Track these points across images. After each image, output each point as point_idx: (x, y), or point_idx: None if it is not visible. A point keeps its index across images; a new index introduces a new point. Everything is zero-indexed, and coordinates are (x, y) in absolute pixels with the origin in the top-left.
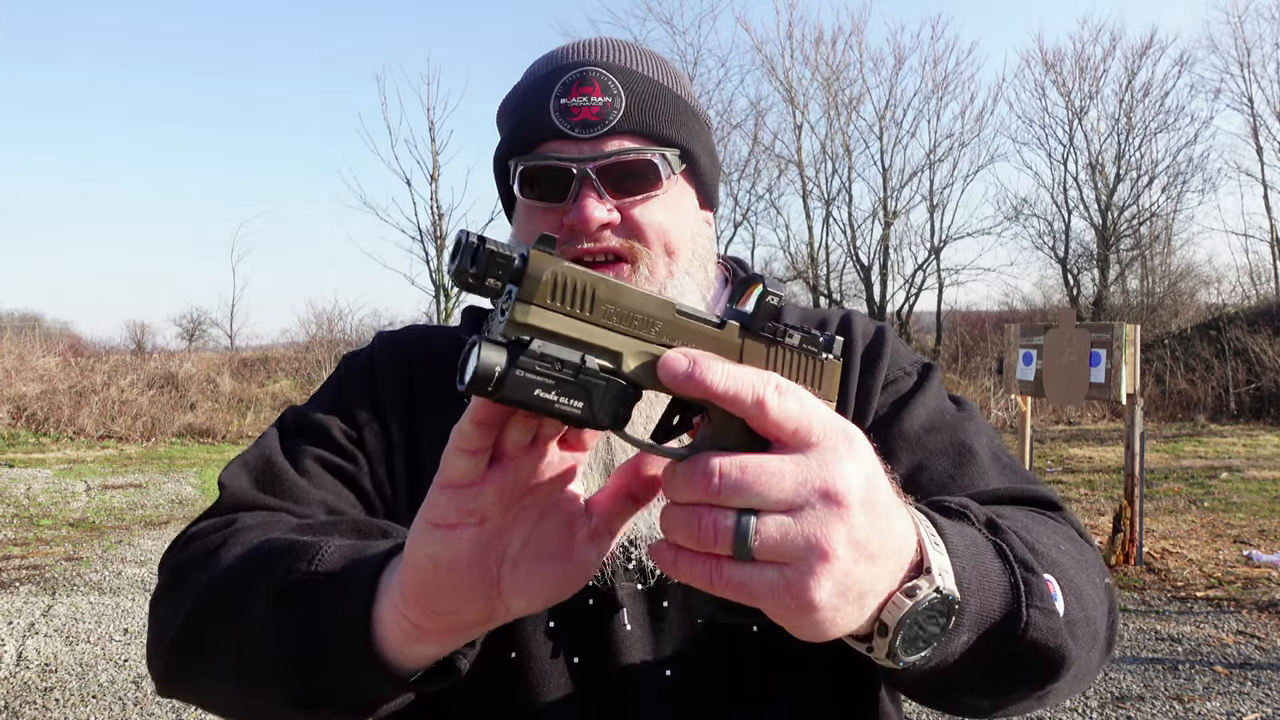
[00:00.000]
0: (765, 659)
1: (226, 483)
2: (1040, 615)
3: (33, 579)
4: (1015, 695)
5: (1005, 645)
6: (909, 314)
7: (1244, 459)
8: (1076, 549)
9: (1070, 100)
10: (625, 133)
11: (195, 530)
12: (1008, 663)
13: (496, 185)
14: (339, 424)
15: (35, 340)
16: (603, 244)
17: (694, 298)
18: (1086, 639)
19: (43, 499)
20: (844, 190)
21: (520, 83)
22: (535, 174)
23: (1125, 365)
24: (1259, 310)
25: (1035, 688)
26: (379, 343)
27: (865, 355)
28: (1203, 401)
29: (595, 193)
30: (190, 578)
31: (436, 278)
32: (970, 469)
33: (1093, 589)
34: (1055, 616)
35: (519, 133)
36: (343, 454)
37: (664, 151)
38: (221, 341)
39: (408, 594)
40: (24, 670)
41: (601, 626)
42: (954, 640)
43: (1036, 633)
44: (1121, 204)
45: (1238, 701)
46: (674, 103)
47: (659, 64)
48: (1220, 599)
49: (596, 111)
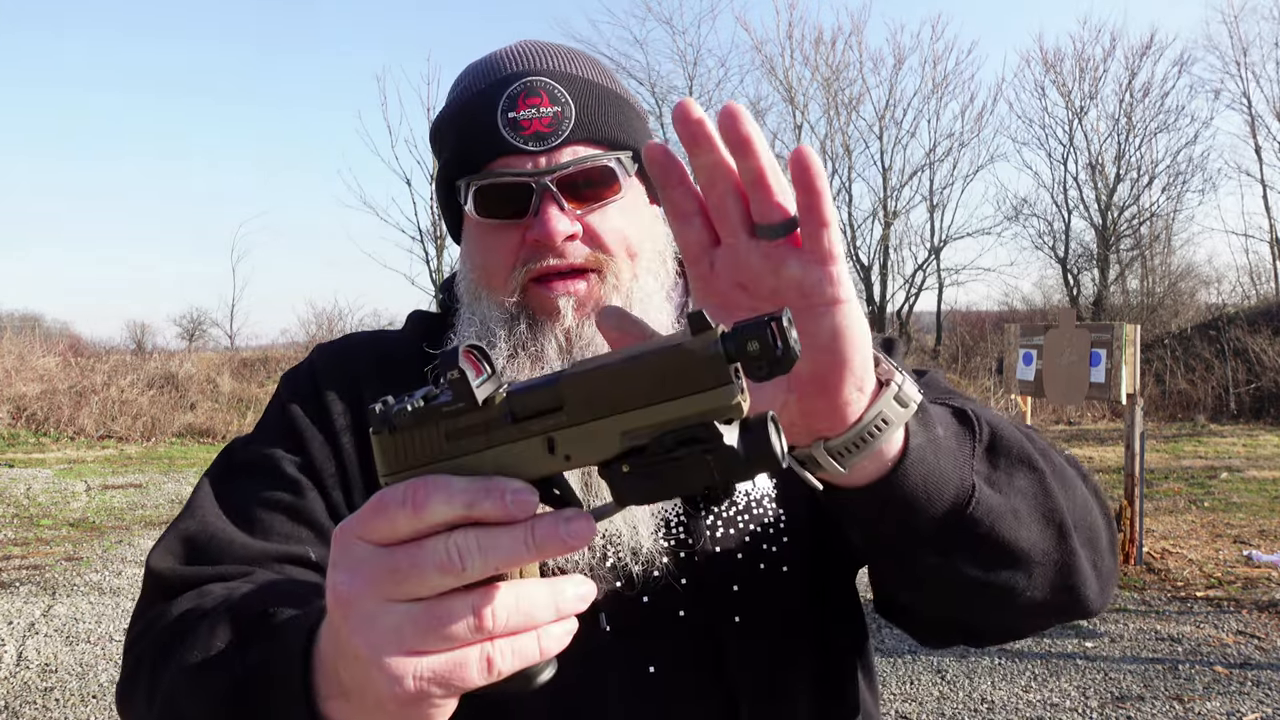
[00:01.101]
0: (746, 653)
1: (152, 566)
2: (990, 491)
3: (33, 579)
4: (977, 572)
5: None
6: (909, 314)
7: (1244, 459)
8: (1055, 452)
9: (1070, 100)
10: (579, 140)
11: (135, 629)
12: (957, 530)
13: (440, 208)
14: (284, 453)
15: (35, 340)
16: (569, 259)
17: (658, 297)
18: (1082, 529)
19: (43, 499)
20: (844, 190)
21: (455, 99)
22: (491, 192)
23: (1125, 365)
24: (1259, 310)
25: (993, 566)
26: (319, 355)
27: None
28: (1203, 401)
29: (557, 204)
30: (138, 699)
31: (436, 278)
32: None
33: (1077, 484)
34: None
35: (467, 151)
36: (291, 487)
37: (619, 155)
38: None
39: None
40: (24, 670)
41: (581, 628)
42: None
43: (985, 501)
44: (1121, 204)
45: (1238, 701)
46: (618, 103)
47: (593, 64)
48: (1220, 599)
49: (548, 122)
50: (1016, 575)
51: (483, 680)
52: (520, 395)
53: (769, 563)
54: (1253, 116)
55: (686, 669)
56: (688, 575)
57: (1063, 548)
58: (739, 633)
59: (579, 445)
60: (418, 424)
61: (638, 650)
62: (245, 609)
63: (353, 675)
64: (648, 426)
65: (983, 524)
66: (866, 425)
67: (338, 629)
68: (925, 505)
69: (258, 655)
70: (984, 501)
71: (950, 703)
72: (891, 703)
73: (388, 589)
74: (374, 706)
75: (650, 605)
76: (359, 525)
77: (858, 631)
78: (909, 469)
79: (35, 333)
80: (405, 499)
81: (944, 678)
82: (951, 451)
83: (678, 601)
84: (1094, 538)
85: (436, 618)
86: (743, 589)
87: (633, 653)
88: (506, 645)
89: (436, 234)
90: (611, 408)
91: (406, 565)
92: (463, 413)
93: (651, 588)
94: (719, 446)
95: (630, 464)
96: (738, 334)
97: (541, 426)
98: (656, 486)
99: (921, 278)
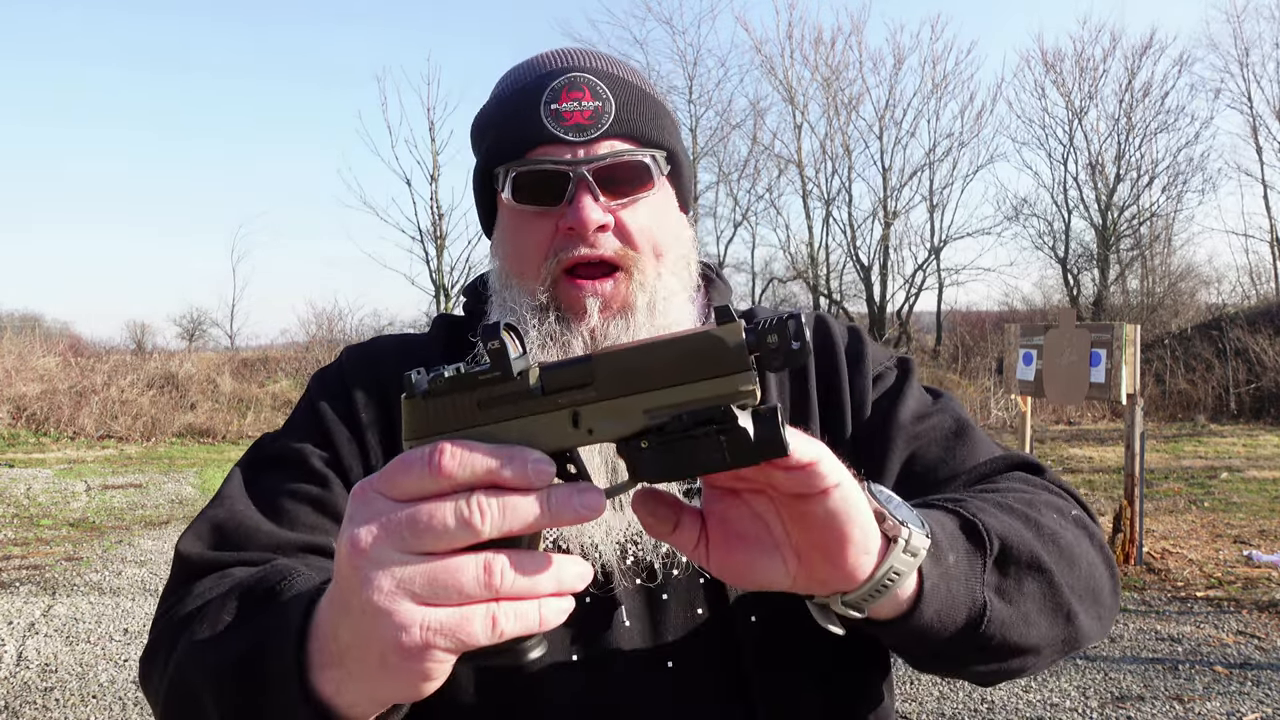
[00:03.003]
0: (764, 650)
1: (180, 550)
2: (1000, 603)
3: (33, 579)
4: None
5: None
6: (909, 314)
7: (1244, 459)
8: (1062, 515)
9: (1070, 100)
10: (617, 135)
11: (159, 610)
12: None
13: (475, 199)
14: (313, 449)
15: (35, 340)
16: (599, 250)
17: (681, 297)
18: (1087, 598)
19: (43, 499)
20: (844, 190)
21: (499, 93)
22: (529, 178)
23: (1125, 365)
24: (1259, 310)
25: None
26: (348, 357)
27: (849, 355)
28: (1203, 401)
29: (591, 194)
30: (155, 672)
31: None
32: (962, 448)
33: (1081, 546)
34: (1018, 604)
35: (508, 139)
36: (318, 480)
37: (654, 153)
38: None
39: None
40: (24, 670)
41: (601, 623)
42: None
43: (995, 616)
44: (1121, 204)
45: (1238, 702)
46: (656, 106)
47: (632, 70)
48: (1220, 599)
49: (589, 115)
50: (1025, 660)
51: (486, 637)
52: (552, 370)
53: None
54: (1253, 116)
55: (704, 666)
56: (706, 575)
57: (1070, 629)
58: (755, 631)
59: (603, 420)
60: (453, 389)
61: (657, 646)
62: (255, 588)
63: (355, 630)
64: (669, 406)
65: (995, 636)
66: (879, 581)
67: (346, 581)
68: (941, 629)
69: (257, 628)
70: (995, 616)
71: (950, 703)
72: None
73: (404, 540)
74: (375, 661)
75: (669, 603)
76: (380, 481)
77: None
78: (925, 606)
79: (35, 333)
80: (429, 457)
81: (944, 678)
82: (963, 575)
83: (696, 600)
84: (1097, 595)
85: (447, 571)
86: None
87: (652, 649)
88: (511, 608)
89: (436, 234)
90: (638, 386)
91: (425, 518)
92: (497, 382)
93: (671, 586)
94: (734, 428)
95: (649, 441)
96: (761, 327)
97: (570, 400)
98: (672, 463)
99: (921, 278)
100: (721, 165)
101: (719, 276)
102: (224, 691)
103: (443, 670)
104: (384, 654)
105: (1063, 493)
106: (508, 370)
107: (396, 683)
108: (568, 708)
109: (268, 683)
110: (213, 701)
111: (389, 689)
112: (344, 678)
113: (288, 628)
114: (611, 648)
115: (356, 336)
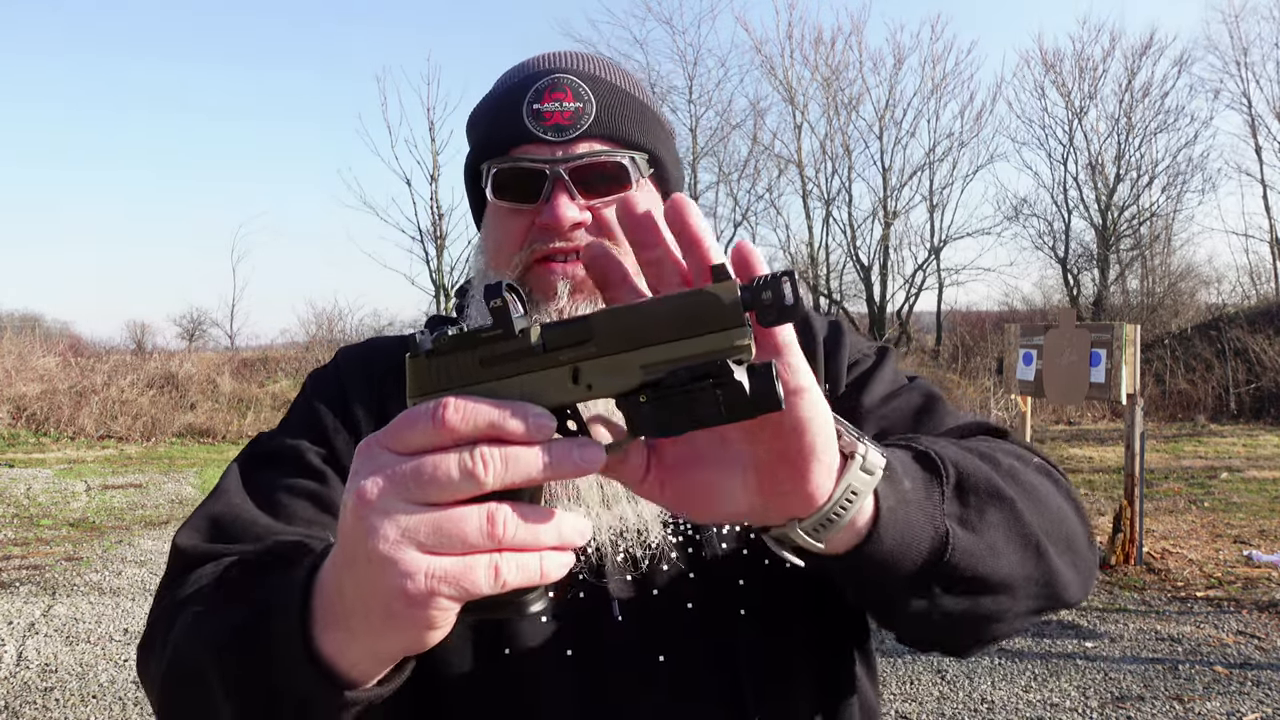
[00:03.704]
0: (753, 645)
1: (177, 543)
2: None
3: (33, 579)
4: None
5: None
6: (909, 314)
7: (1244, 459)
8: (1022, 461)
9: (1070, 100)
10: (596, 136)
11: (156, 600)
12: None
13: (467, 193)
14: (310, 445)
15: (35, 340)
16: (575, 243)
17: None
18: (1059, 540)
19: (43, 499)
20: (844, 190)
21: (490, 93)
22: (508, 175)
23: (1125, 365)
24: (1259, 310)
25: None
26: (344, 357)
27: (827, 344)
28: (1203, 401)
29: (567, 193)
30: (152, 657)
31: (436, 278)
32: (930, 420)
33: (1045, 488)
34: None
35: (491, 136)
36: (315, 476)
37: (633, 155)
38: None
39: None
40: (24, 670)
41: (593, 618)
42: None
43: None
44: (1121, 204)
45: (1238, 702)
46: (640, 109)
47: (624, 74)
48: (1220, 599)
49: (568, 116)
50: (999, 600)
51: (489, 586)
52: (552, 328)
53: (774, 558)
54: (1253, 116)
55: (695, 660)
56: (696, 569)
57: (1042, 565)
58: (745, 626)
59: (602, 376)
60: (457, 347)
61: (648, 640)
62: (257, 560)
63: (360, 582)
64: (666, 361)
65: (962, 566)
66: (837, 501)
67: (352, 532)
68: (903, 560)
69: (261, 594)
70: (960, 544)
71: (950, 703)
72: (892, 703)
73: (409, 490)
74: (380, 612)
75: (660, 598)
76: (385, 436)
77: (860, 628)
78: (883, 532)
79: (35, 333)
80: (434, 412)
81: (944, 678)
82: (921, 502)
83: (686, 594)
84: (1071, 541)
85: (452, 520)
86: (748, 583)
87: (643, 643)
88: (513, 559)
89: (436, 234)
90: (636, 342)
91: (430, 469)
92: (500, 339)
93: (662, 581)
94: (730, 381)
95: (647, 395)
96: (756, 283)
97: (570, 356)
98: (669, 417)
99: (921, 278)
100: (721, 165)
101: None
102: (226, 661)
103: (446, 619)
104: (389, 603)
105: (1025, 450)
106: (510, 328)
107: (402, 633)
108: (561, 702)
109: (272, 645)
110: (215, 672)
111: (394, 640)
112: (347, 638)
113: (291, 590)
114: (603, 642)
115: (356, 336)
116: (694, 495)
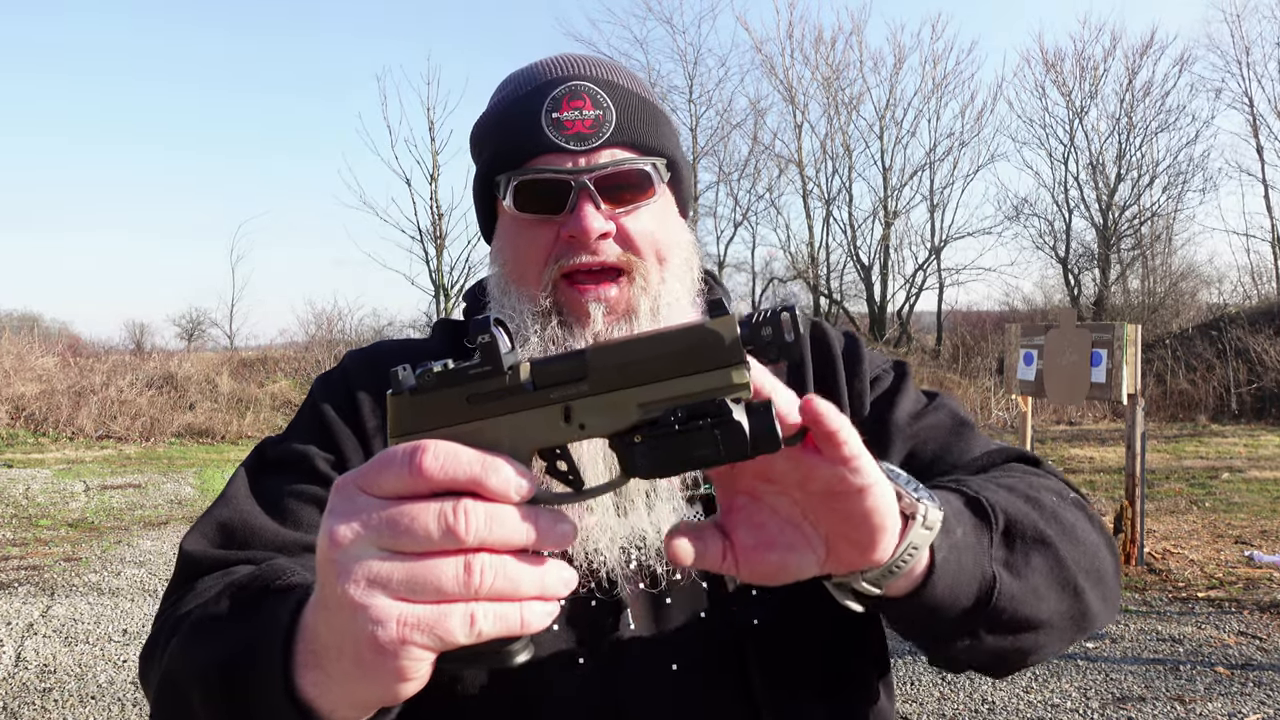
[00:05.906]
0: (767, 651)
1: (185, 548)
2: (1010, 577)
3: (31, 580)
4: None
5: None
6: (909, 314)
7: (1245, 459)
8: (1060, 498)
9: (1071, 100)
10: (617, 144)
11: (161, 607)
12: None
13: (475, 205)
14: (317, 450)
15: (34, 340)
16: (600, 257)
17: (684, 302)
18: (1092, 576)
19: (42, 499)
20: (844, 190)
21: (499, 101)
22: (530, 187)
23: (1126, 365)
24: (1260, 310)
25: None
26: (351, 361)
27: (846, 358)
28: (1204, 402)
29: (593, 203)
30: (151, 669)
31: (436, 278)
32: (960, 442)
33: (1081, 526)
34: (1026, 578)
35: (510, 147)
36: (322, 482)
37: (654, 161)
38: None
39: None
40: (23, 671)
41: (606, 627)
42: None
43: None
44: (1122, 204)
45: (1239, 702)
46: (655, 113)
47: (632, 77)
48: (1222, 600)
49: (590, 124)
50: (1038, 636)
51: (464, 636)
52: (543, 365)
53: None
54: (1254, 116)
55: (708, 669)
56: (709, 579)
57: (1078, 603)
58: (758, 635)
59: (596, 415)
60: (441, 385)
61: (661, 649)
62: (248, 586)
63: (333, 627)
64: (664, 400)
65: (1006, 609)
66: (898, 558)
67: (324, 576)
68: (953, 604)
69: (247, 629)
70: (1005, 589)
71: (951, 703)
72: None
73: (383, 538)
74: (351, 660)
75: (673, 607)
76: (360, 477)
77: (874, 635)
78: (937, 579)
79: (34, 333)
80: (411, 457)
81: (945, 678)
82: (971, 548)
83: (699, 604)
84: (1101, 574)
85: (426, 567)
86: (761, 593)
87: (656, 651)
88: (490, 608)
89: (436, 234)
90: (632, 379)
91: (407, 520)
92: (488, 376)
93: (674, 590)
94: (728, 421)
95: (642, 435)
96: (755, 320)
97: (562, 395)
98: (665, 457)
99: (922, 277)
100: (721, 165)
101: (718, 283)
102: (211, 692)
103: (420, 670)
104: (359, 650)
105: (1059, 482)
106: (498, 364)
107: (373, 682)
108: (574, 711)
109: (253, 684)
110: (200, 701)
111: (366, 689)
112: (325, 680)
113: (275, 628)
114: (617, 651)
115: (356, 336)
116: (769, 573)
